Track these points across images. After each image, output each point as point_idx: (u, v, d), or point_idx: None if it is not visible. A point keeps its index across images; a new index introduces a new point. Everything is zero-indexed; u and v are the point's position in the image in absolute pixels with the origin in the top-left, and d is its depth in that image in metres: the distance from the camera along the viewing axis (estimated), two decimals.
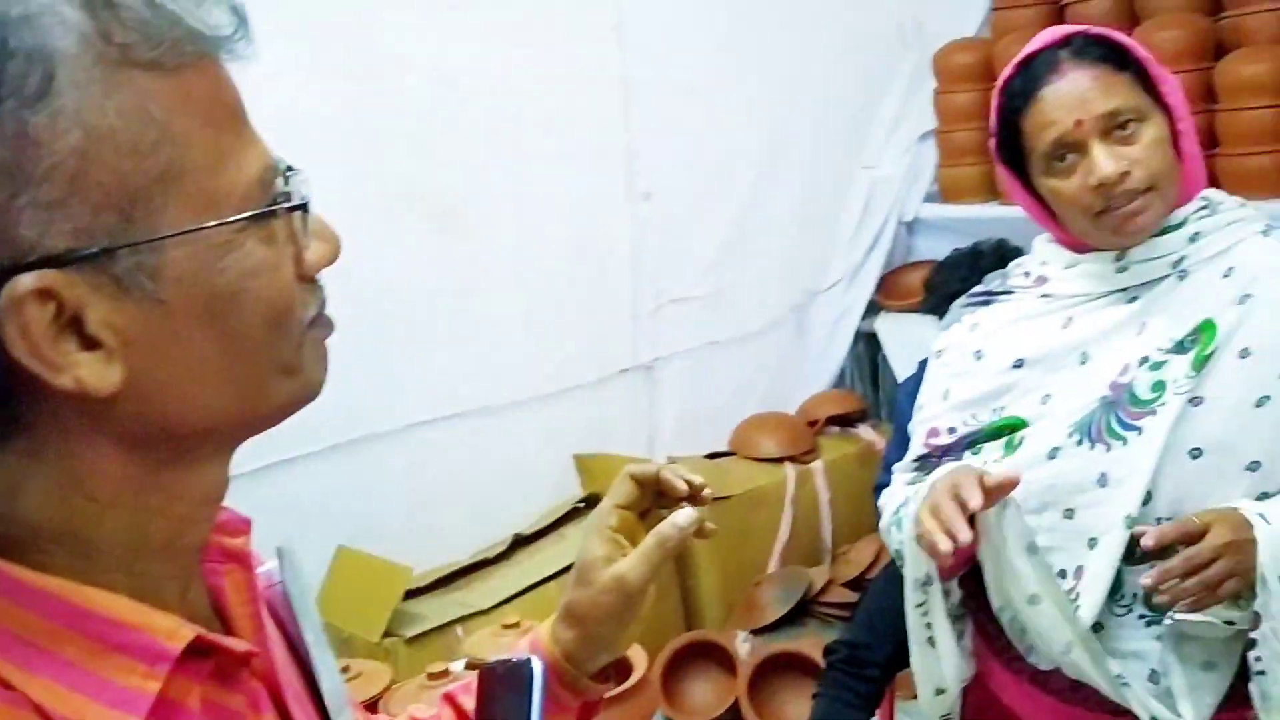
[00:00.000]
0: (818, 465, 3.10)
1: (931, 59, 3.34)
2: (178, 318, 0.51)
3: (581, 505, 2.88)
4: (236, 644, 0.57)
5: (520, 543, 2.76)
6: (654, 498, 0.82)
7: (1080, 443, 1.24)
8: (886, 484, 1.46)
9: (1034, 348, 1.31)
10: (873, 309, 3.45)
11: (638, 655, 1.95)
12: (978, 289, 1.44)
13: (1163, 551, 1.16)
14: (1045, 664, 1.29)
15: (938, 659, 1.33)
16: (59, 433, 0.51)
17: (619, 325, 3.05)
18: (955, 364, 1.39)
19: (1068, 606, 1.21)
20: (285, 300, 0.55)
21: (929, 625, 1.32)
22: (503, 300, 2.81)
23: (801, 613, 2.88)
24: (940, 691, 1.36)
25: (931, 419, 1.39)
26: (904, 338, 3.20)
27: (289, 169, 0.56)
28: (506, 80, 2.73)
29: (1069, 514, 1.25)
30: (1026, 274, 1.37)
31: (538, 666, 0.71)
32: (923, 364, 1.61)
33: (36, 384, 0.49)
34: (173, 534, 0.56)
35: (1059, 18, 3.11)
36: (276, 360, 0.56)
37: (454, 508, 2.75)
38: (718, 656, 2.76)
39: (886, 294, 3.42)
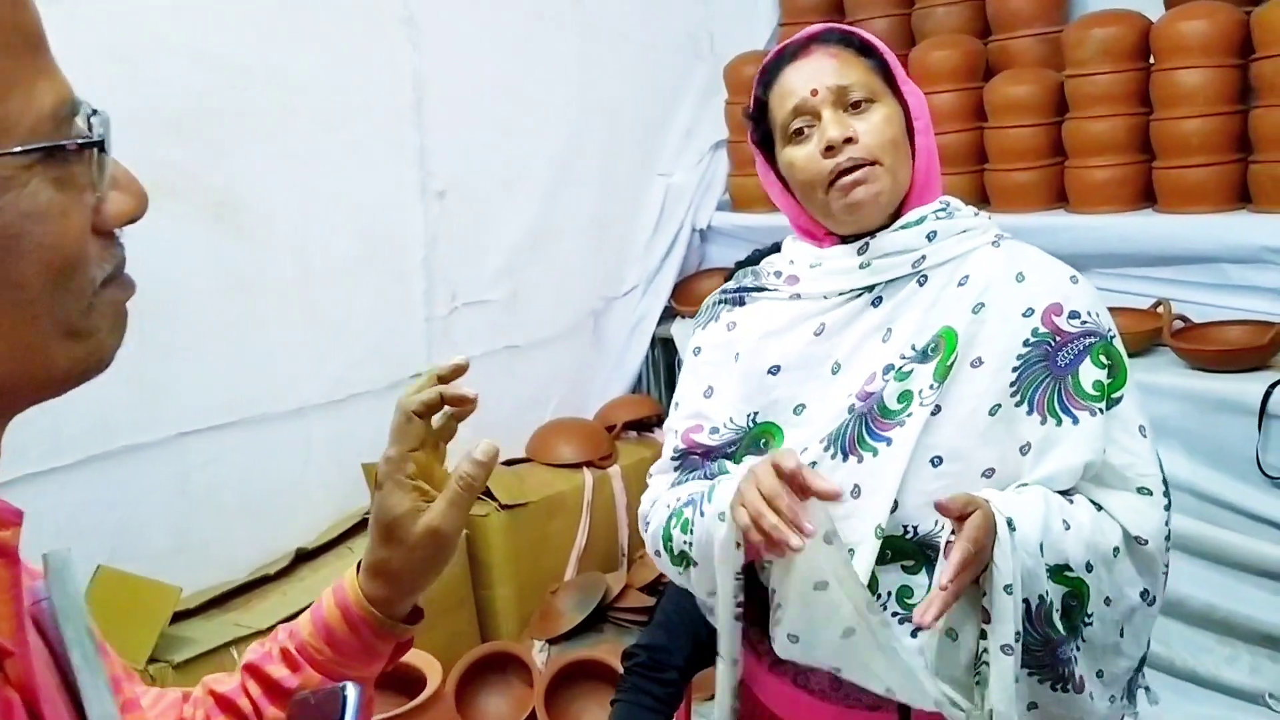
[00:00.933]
0: (615, 470, 3.09)
1: (723, 71, 3.41)
2: None
3: (369, 517, 2.75)
4: None
5: (303, 558, 2.63)
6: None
7: (834, 455, 1.26)
8: None
9: (788, 354, 1.32)
10: (668, 315, 3.49)
11: (431, 667, 1.86)
12: (730, 285, 1.44)
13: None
14: (801, 657, 1.27)
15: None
16: None
17: (411, 328, 2.95)
18: (714, 362, 1.38)
19: (860, 593, 1.19)
20: (72, 251, 0.49)
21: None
22: (285, 300, 2.65)
23: (598, 619, 2.85)
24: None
25: (693, 416, 1.39)
26: None
27: (94, 111, 0.51)
28: (290, 69, 2.59)
29: None
30: (778, 273, 1.38)
31: (352, 694, 0.69)
32: None
33: None
34: None
35: None
36: (60, 319, 0.49)
37: (229, 523, 2.58)
38: (514, 667, 2.70)
39: (681, 300, 3.46)
